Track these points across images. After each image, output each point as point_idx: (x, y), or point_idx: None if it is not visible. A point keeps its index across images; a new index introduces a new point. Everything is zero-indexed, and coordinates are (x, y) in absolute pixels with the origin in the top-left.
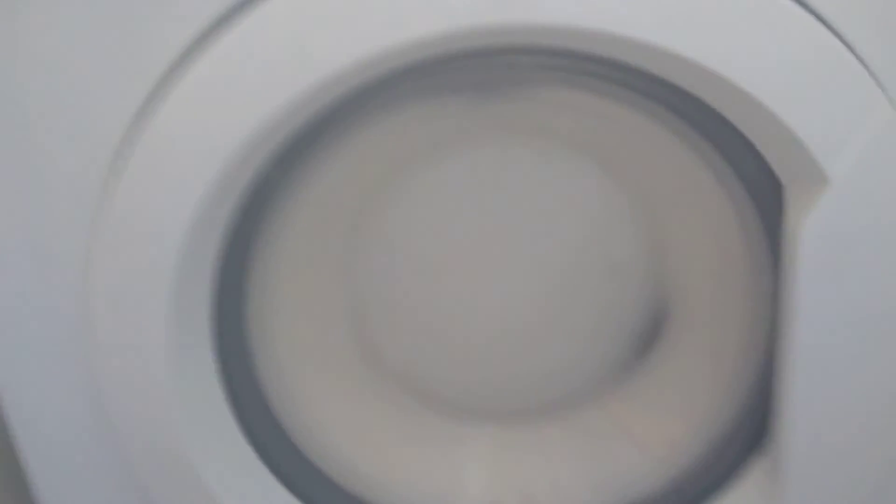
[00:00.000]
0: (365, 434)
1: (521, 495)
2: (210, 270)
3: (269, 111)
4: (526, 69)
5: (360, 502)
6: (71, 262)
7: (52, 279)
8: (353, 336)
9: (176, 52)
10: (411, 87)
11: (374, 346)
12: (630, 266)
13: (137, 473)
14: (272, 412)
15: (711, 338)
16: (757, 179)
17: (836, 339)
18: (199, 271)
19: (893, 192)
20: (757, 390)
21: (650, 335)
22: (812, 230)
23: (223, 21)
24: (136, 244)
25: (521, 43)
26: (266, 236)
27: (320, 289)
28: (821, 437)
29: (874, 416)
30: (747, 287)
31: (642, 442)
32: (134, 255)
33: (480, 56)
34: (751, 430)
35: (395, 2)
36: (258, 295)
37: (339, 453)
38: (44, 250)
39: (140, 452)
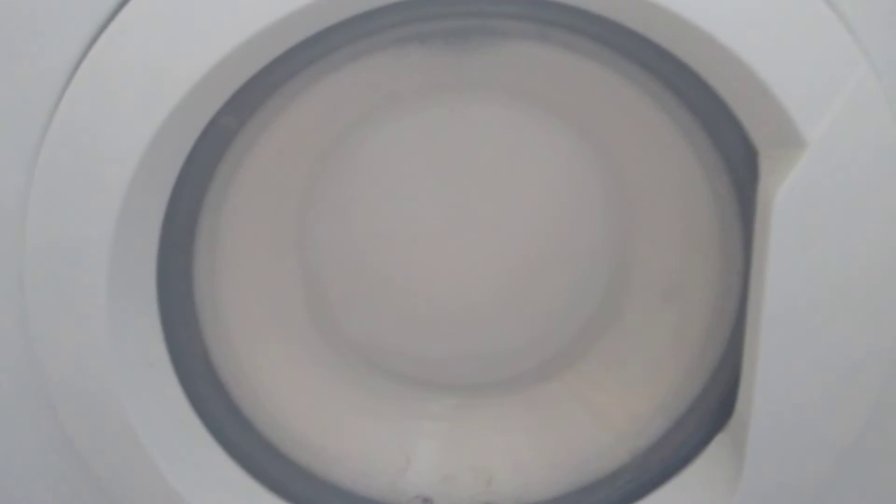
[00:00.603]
0: (317, 405)
1: (477, 471)
2: (155, 230)
3: (218, 55)
4: (498, 18)
5: (311, 474)
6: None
7: None
8: (308, 304)
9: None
10: (375, 33)
11: (330, 315)
12: (597, 234)
13: (77, 443)
14: (220, 382)
15: (677, 311)
16: (731, 146)
17: (805, 313)
18: (143, 230)
19: (869, 158)
20: (722, 365)
21: (615, 308)
22: (786, 197)
23: None
24: (75, 197)
25: None
26: (216, 195)
27: (273, 254)
28: (785, 412)
29: (838, 393)
30: (716, 258)
31: (604, 417)
32: (72, 209)
33: (451, 2)
34: (715, 407)
35: None
36: (207, 259)
37: (290, 424)
38: None
39: (80, 421)
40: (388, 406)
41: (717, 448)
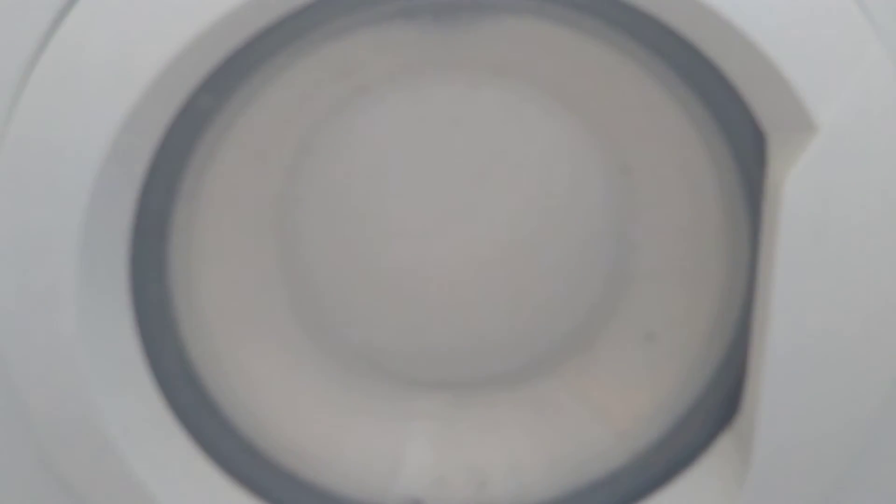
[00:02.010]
0: (302, 404)
1: (471, 471)
2: (127, 219)
3: (194, 30)
4: None
5: (295, 477)
6: None
7: None
8: (291, 297)
9: None
10: (358, 9)
11: (314, 309)
12: (597, 223)
13: (45, 443)
14: (198, 380)
15: (680, 304)
16: (737, 128)
17: (816, 306)
18: (114, 219)
19: (883, 142)
20: (728, 361)
21: (615, 301)
22: (796, 183)
23: None
24: (41, 183)
25: None
26: (192, 182)
27: (253, 245)
28: (794, 411)
29: (850, 390)
30: (722, 247)
31: (604, 415)
32: (39, 197)
33: None
34: (719, 405)
35: None
36: (182, 250)
37: (273, 425)
38: None
39: (49, 421)
40: (376, 404)
41: (722, 448)
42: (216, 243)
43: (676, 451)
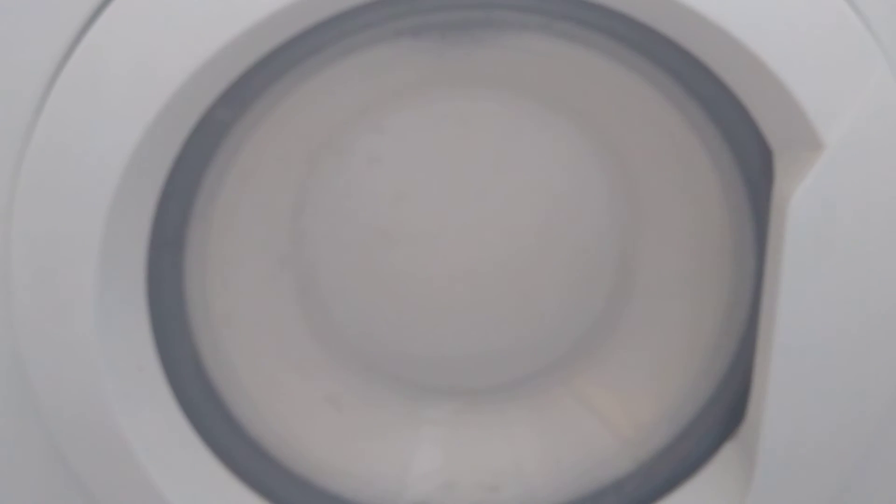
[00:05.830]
0: (313, 411)
1: (480, 475)
2: (145, 228)
3: (211, 48)
4: (499, 9)
5: (305, 482)
6: None
7: None
8: (303, 305)
9: None
10: (366, 28)
11: (326, 317)
12: (603, 234)
13: (63, 447)
14: (212, 386)
15: (685, 315)
16: (745, 145)
17: (820, 319)
18: (133, 228)
19: (890, 160)
20: (733, 371)
21: (621, 310)
22: (802, 200)
23: None
24: (63, 193)
25: None
26: (209, 192)
27: (267, 253)
28: (798, 421)
29: (853, 402)
30: (727, 261)
31: (610, 423)
32: (61, 206)
33: None
34: (724, 414)
35: None
36: (198, 258)
37: (284, 430)
38: None
39: (66, 426)
40: (386, 411)
41: (726, 456)
42: (231, 251)
43: (681, 460)
